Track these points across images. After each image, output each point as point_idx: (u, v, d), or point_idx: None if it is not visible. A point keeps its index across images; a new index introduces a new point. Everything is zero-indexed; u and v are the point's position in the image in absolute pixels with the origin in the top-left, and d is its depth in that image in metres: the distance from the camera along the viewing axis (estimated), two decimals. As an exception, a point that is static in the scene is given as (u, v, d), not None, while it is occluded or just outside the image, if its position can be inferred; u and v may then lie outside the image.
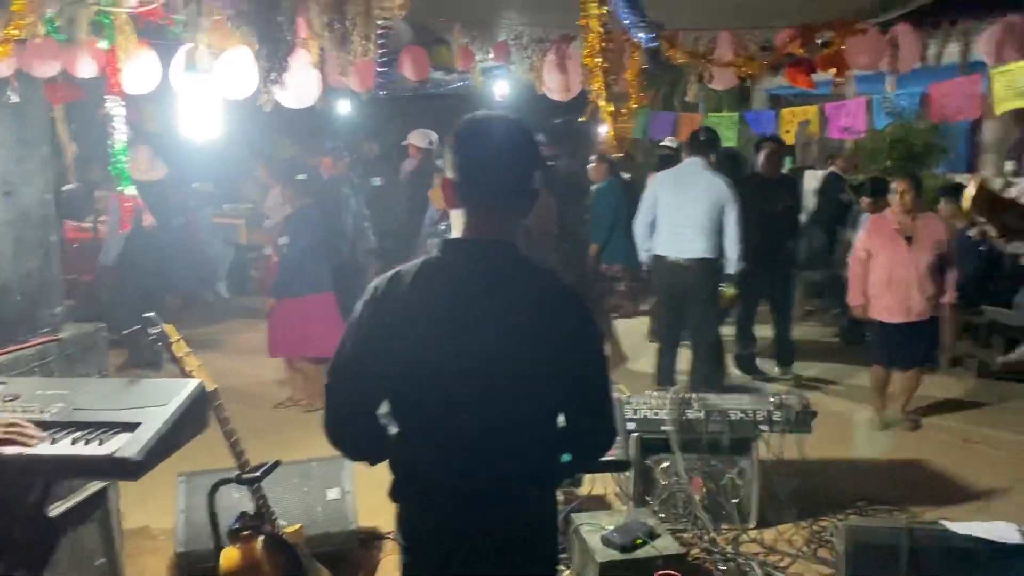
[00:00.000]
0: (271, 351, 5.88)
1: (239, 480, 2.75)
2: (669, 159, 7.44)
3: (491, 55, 4.63)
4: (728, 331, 6.61)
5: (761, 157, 6.80)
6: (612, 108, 2.71)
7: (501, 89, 7.52)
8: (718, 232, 5.52)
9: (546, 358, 1.84)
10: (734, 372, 6.64)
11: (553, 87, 4.18)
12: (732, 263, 5.56)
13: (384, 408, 1.93)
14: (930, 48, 4.32)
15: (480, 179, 1.85)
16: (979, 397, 6.25)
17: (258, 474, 2.73)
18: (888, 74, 4.54)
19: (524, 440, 1.88)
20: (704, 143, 5.78)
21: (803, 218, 8.64)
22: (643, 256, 5.91)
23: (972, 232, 6.61)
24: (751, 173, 7.03)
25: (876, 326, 5.57)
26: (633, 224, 5.94)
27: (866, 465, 4.99)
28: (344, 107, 10.10)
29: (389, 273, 1.90)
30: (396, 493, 1.94)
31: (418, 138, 8.28)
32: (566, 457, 1.98)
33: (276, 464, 2.78)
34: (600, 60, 2.62)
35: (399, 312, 1.83)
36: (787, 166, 11.46)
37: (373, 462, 1.99)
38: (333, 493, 3.78)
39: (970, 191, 1.63)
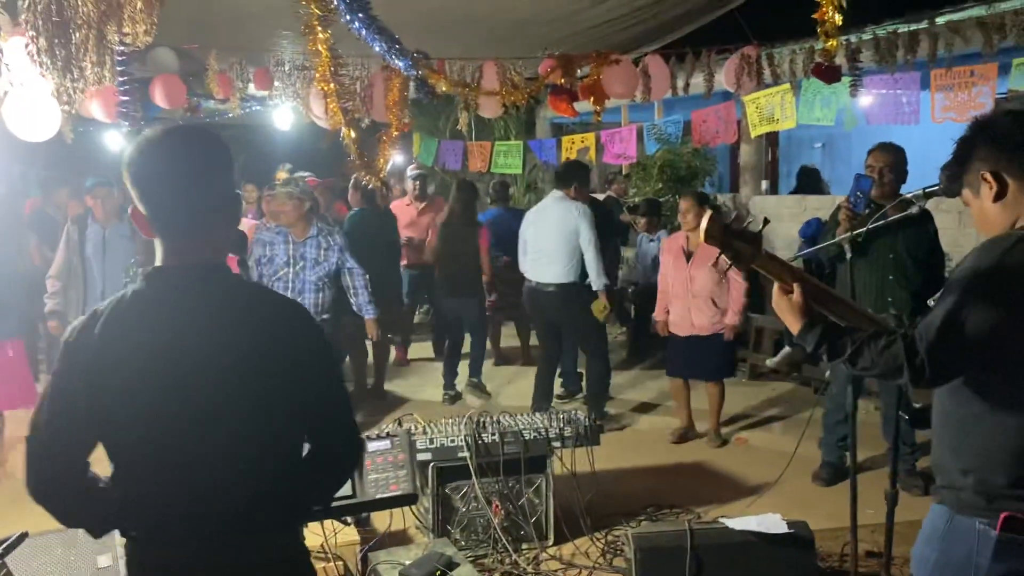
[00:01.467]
0: None
1: (-23, 561, 2.42)
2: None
3: (251, 83, 4.46)
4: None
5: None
6: (353, 134, 2.68)
7: (282, 117, 7.30)
8: (577, 256, 5.88)
9: (273, 375, 1.75)
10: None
11: (321, 115, 4.10)
12: (594, 281, 5.90)
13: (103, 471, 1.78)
14: (679, 79, 4.66)
15: (165, 202, 1.73)
16: (750, 399, 6.78)
17: None
18: (657, 102, 4.87)
19: (258, 468, 1.77)
20: (563, 175, 6.02)
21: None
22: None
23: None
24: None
25: (670, 339, 5.81)
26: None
27: (654, 472, 5.24)
28: (111, 140, 9.36)
29: (85, 315, 1.77)
30: (129, 551, 1.79)
31: None
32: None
33: (23, 536, 2.47)
34: (333, 85, 2.58)
35: (97, 351, 1.70)
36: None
37: (93, 528, 1.82)
38: (104, 560, 3.43)
39: (703, 224, 1.76)
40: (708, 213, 1.91)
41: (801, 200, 8.84)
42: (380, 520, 4.05)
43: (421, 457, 3.92)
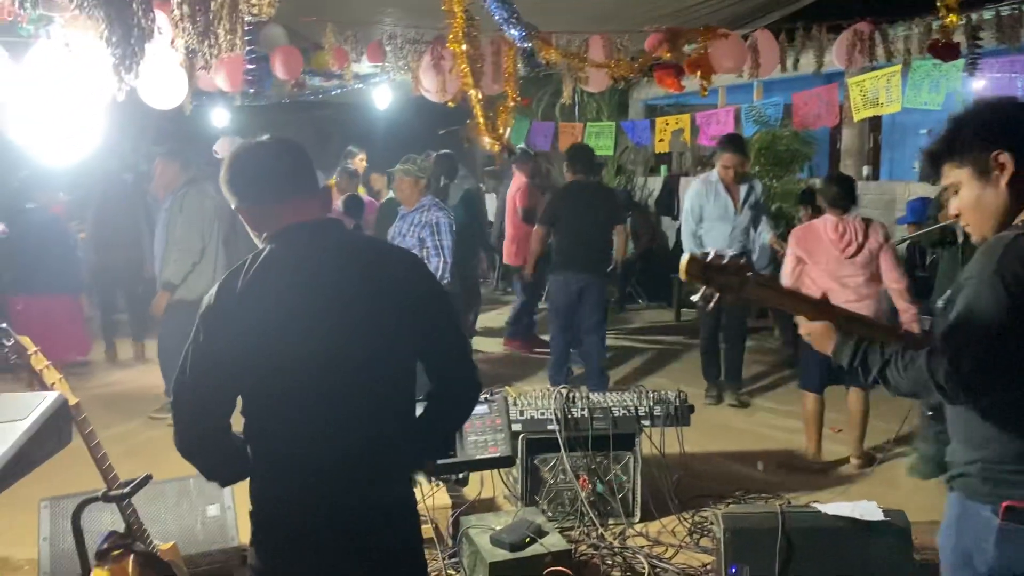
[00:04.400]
0: None
1: (106, 498, 2.60)
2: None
3: (364, 56, 4.57)
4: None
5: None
6: (481, 96, 2.73)
7: (381, 96, 7.45)
8: None
9: (396, 319, 1.86)
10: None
11: (430, 88, 4.17)
12: None
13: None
14: (788, 56, 4.56)
15: (264, 187, 1.90)
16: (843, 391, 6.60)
17: (126, 490, 2.59)
18: (756, 82, 4.79)
19: (381, 410, 1.89)
20: None
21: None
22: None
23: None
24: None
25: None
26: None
27: (743, 457, 5.19)
28: (219, 117, 9.74)
29: (219, 281, 1.91)
30: (252, 488, 1.92)
31: (226, 146, 8.14)
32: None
33: (147, 479, 2.64)
34: (466, 47, 2.63)
35: (237, 309, 1.83)
36: (662, 174, 11.91)
37: (228, 477, 1.98)
38: (213, 510, 3.64)
39: (682, 263, 1.74)
40: (687, 253, 1.88)
41: (904, 186, 8.54)
42: (468, 488, 4.15)
43: (512, 428, 3.99)
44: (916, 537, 3.56)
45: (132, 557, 2.52)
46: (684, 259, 1.85)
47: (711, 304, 1.88)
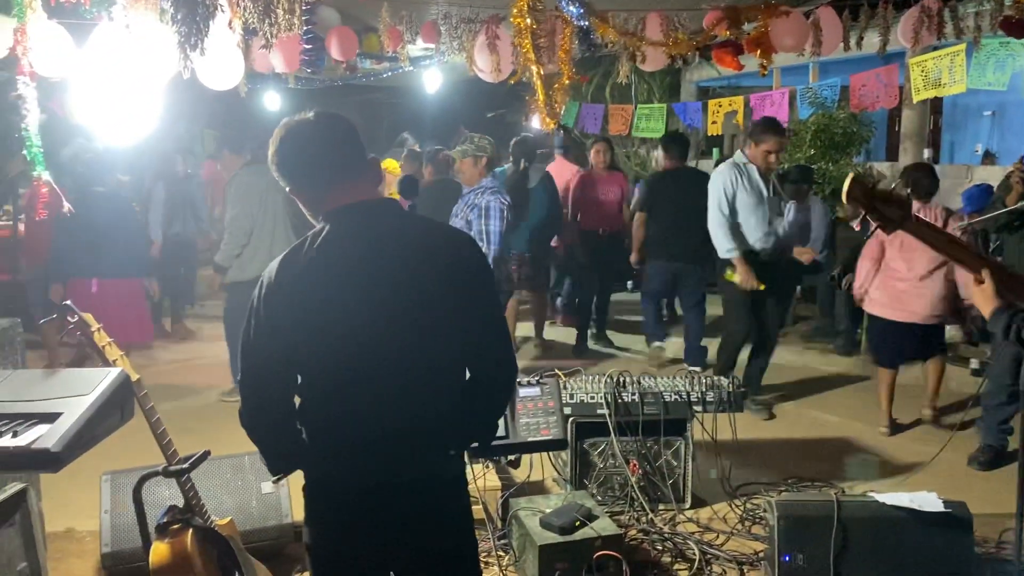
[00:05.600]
0: None
1: (166, 472, 2.65)
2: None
3: (419, 36, 4.56)
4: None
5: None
6: (541, 70, 2.70)
7: (431, 79, 7.45)
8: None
9: (445, 298, 1.87)
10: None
11: (484, 68, 4.14)
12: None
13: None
14: (851, 35, 4.43)
15: (313, 173, 1.91)
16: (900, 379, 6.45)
17: (186, 465, 2.64)
18: (812, 64, 4.67)
19: (429, 390, 1.90)
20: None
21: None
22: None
23: (854, 224, 6.87)
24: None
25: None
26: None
27: (797, 445, 5.11)
28: (271, 99, 9.84)
29: (277, 260, 1.92)
30: (305, 468, 1.95)
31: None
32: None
33: (205, 454, 2.68)
34: (530, 22, 2.61)
35: (291, 287, 1.85)
36: (715, 156, 11.74)
37: (281, 463, 2.00)
38: (267, 487, 3.69)
39: (845, 186, 1.74)
40: (850, 175, 1.93)
41: (967, 170, 8.29)
42: (518, 470, 4.15)
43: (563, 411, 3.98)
44: (976, 530, 3.47)
45: (191, 531, 2.56)
46: (848, 180, 1.90)
47: (871, 231, 1.97)
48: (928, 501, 3.31)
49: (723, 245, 5.33)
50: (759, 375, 5.75)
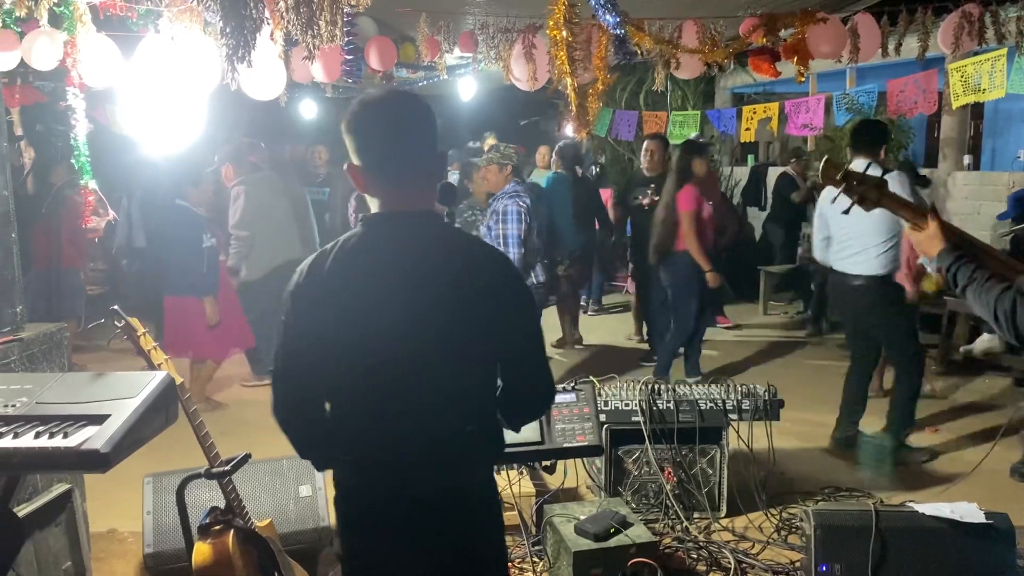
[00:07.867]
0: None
1: (208, 475, 2.71)
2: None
3: (456, 46, 4.61)
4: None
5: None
6: (575, 82, 2.72)
7: (466, 87, 7.51)
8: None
9: (479, 317, 1.85)
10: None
11: (520, 77, 4.18)
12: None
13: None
14: (890, 41, 4.39)
15: (384, 150, 1.87)
16: (942, 388, 6.37)
17: (227, 468, 2.69)
18: (849, 69, 4.63)
19: (461, 405, 1.89)
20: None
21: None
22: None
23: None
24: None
25: None
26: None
27: (833, 454, 5.05)
28: (307, 109, 9.98)
29: (311, 257, 1.91)
30: (336, 475, 1.96)
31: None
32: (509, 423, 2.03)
33: (246, 457, 2.73)
34: (566, 34, 2.63)
35: (322, 291, 1.85)
36: (749, 163, 11.67)
37: (319, 460, 2.02)
38: (305, 490, 3.74)
39: (820, 167, 1.82)
40: (825, 157, 2.07)
41: (1008, 176, 8.15)
42: (552, 476, 4.16)
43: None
44: (1020, 542, 3.41)
45: (232, 532, 2.61)
46: (822, 161, 2.06)
47: (848, 208, 2.09)
48: (969, 512, 3.25)
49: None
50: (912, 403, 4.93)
